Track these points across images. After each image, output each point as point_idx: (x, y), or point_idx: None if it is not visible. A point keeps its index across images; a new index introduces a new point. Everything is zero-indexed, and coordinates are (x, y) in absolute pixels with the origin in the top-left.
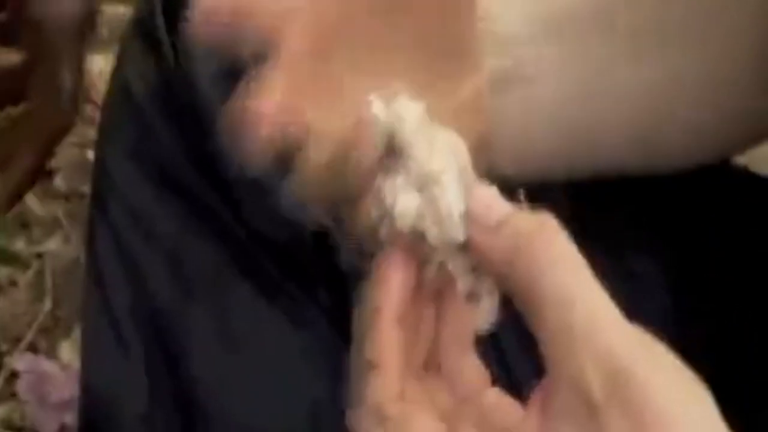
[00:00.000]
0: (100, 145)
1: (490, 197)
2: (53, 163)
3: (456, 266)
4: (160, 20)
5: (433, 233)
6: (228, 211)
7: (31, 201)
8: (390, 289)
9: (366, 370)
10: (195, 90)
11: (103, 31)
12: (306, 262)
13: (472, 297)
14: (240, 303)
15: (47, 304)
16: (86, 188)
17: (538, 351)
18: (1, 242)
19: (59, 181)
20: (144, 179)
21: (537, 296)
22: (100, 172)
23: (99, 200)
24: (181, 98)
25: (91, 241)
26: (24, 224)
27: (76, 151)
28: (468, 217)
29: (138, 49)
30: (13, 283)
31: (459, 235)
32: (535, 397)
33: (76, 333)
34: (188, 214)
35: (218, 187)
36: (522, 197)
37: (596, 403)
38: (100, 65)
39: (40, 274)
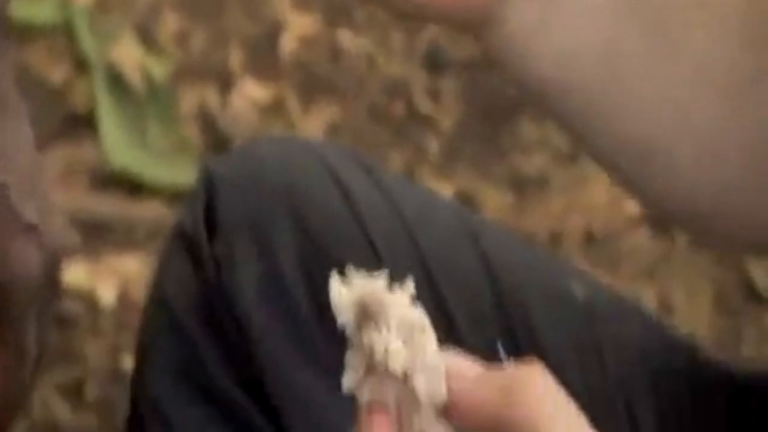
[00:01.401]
0: (139, 364)
1: (463, 358)
2: (83, 371)
3: None
4: (201, 229)
5: (421, 382)
6: (271, 428)
7: (62, 412)
8: None
9: None
10: (235, 301)
11: (139, 231)
12: None
13: None
14: None
15: None
16: (118, 397)
17: None
18: None
19: (90, 390)
20: (189, 402)
21: None
22: (140, 392)
23: (137, 420)
24: (222, 313)
25: None
26: None
27: (107, 359)
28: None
29: (178, 258)
30: None
31: (443, 389)
32: None
33: None
34: None
35: (262, 404)
36: (501, 350)
37: None
38: (134, 267)
39: None
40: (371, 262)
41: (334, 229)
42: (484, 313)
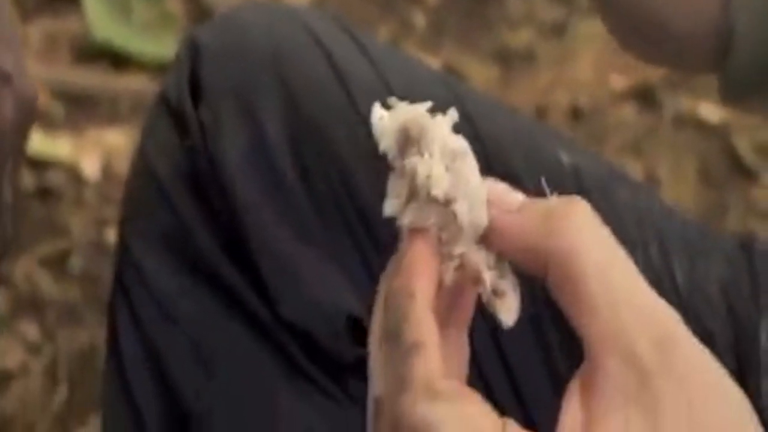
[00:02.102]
0: (123, 231)
1: (504, 186)
2: (67, 244)
3: (479, 260)
4: (186, 96)
5: (463, 208)
6: (254, 294)
7: (45, 283)
8: (423, 274)
9: (410, 350)
10: (221, 168)
11: (122, 104)
12: (335, 350)
13: (497, 293)
14: (262, 382)
15: (61, 392)
16: (102, 270)
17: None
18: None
19: (74, 263)
20: (173, 270)
21: (576, 267)
22: (125, 261)
23: (122, 288)
24: (208, 180)
25: (112, 330)
26: (37, 308)
27: (91, 232)
28: (488, 203)
29: (162, 125)
30: (26, 370)
31: (484, 216)
32: (572, 388)
33: (92, 422)
34: (213, 298)
35: (245, 271)
36: (545, 186)
37: (648, 369)
38: (118, 140)
39: (53, 360)
40: (356, 124)
41: (318, 94)
42: None
